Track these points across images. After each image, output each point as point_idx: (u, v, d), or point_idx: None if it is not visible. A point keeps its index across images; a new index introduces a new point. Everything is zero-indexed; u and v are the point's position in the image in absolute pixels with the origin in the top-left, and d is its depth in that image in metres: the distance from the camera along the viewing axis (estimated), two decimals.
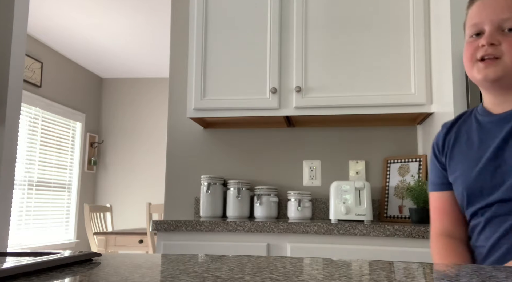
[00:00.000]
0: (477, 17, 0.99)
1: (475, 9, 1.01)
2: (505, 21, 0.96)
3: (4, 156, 1.69)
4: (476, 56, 0.99)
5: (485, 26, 0.98)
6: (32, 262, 0.54)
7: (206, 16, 2.25)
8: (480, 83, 1.01)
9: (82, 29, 4.65)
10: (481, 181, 0.99)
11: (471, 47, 1.00)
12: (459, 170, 1.04)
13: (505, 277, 0.53)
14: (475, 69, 0.99)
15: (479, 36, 0.99)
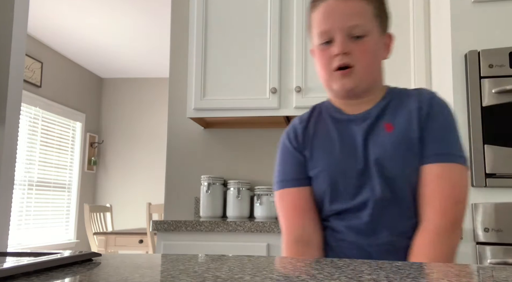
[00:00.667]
0: (325, 24, 0.96)
1: (320, 15, 0.97)
2: (354, 28, 0.95)
3: (4, 156, 1.69)
4: (331, 65, 0.97)
5: (335, 34, 0.95)
6: (32, 262, 0.54)
7: (206, 16, 2.25)
8: (337, 92, 1.01)
9: (82, 29, 4.65)
10: (347, 179, 0.98)
11: (325, 56, 0.97)
12: (321, 165, 1.01)
13: (505, 277, 0.53)
14: (332, 78, 0.98)
15: (329, 43, 0.97)
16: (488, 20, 1.75)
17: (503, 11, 1.74)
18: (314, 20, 0.99)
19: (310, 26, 1.02)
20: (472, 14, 1.76)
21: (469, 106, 1.69)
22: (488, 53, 1.69)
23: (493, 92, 1.66)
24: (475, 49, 1.72)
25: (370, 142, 0.97)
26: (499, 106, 1.66)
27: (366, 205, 0.96)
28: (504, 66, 1.67)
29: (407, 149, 0.95)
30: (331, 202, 1.00)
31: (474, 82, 1.69)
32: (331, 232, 1.02)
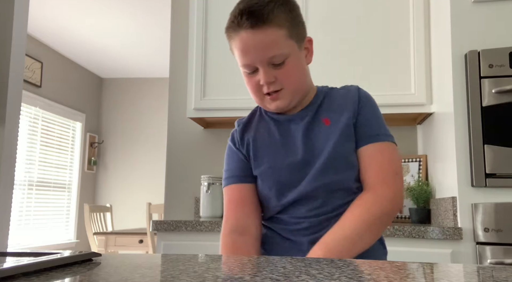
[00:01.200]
0: (245, 59, 0.99)
1: (238, 49, 1.00)
2: (273, 58, 0.98)
3: (4, 156, 1.69)
4: (261, 91, 1.03)
5: (257, 65, 0.99)
6: (32, 262, 0.54)
7: (206, 16, 2.24)
8: (272, 111, 1.08)
9: (82, 29, 4.65)
10: (291, 173, 1.03)
11: (252, 83, 1.02)
12: (266, 163, 1.06)
13: (505, 277, 0.53)
14: (265, 101, 1.05)
15: (255, 72, 1.01)
16: (488, 20, 1.75)
17: (503, 11, 1.74)
18: (234, 49, 1.03)
19: (232, 50, 1.06)
20: (472, 14, 1.76)
21: (469, 106, 1.69)
22: (488, 53, 1.69)
23: (493, 92, 1.66)
24: (475, 49, 1.72)
25: (311, 137, 1.04)
26: (499, 106, 1.66)
27: (314, 195, 1.01)
28: (504, 66, 1.67)
29: (347, 137, 1.03)
30: (278, 197, 1.04)
31: (474, 82, 1.69)
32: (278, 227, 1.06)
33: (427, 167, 2.17)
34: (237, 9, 0.99)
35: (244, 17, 0.96)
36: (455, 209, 1.69)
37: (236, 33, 0.99)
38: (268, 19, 0.96)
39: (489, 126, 1.65)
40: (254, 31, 0.96)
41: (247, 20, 0.96)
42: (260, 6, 0.96)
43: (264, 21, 0.95)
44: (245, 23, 0.96)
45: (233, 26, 0.99)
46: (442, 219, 1.83)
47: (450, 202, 1.73)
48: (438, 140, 1.97)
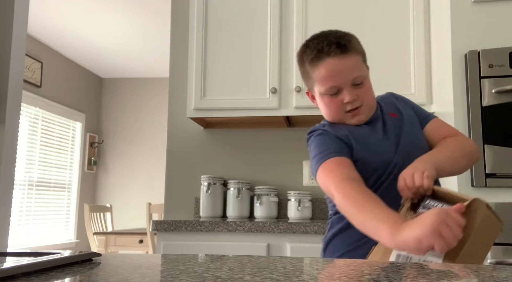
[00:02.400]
0: (332, 82, 1.17)
1: (324, 74, 1.17)
2: (355, 79, 1.17)
3: (4, 156, 1.69)
4: (343, 110, 1.20)
5: (342, 87, 1.17)
6: (32, 262, 0.54)
7: (206, 16, 2.25)
8: (355, 124, 1.23)
9: (82, 29, 4.65)
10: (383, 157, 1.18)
11: (336, 103, 1.19)
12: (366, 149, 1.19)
13: (505, 277, 0.53)
14: (346, 118, 1.21)
15: (337, 93, 1.18)
16: (488, 20, 1.75)
17: (503, 11, 1.74)
18: (317, 77, 1.19)
19: (310, 78, 1.22)
20: (472, 14, 1.76)
21: (469, 106, 1.69)
22: (488, 53, 1.69)
23: (493, 92, 1.66)
24: (475, 49, 1.72)
25: (389, 129, 1.23)
26: (499, 106, 1.66)
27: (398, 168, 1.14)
28: (504, 66, 1.67)
29: (414, 123, 1.26)
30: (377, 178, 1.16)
31: (474, 82, 1.69)
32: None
33: None
34: (320, 42, 1.18)
35: (333, 46, 1.16)
36: None
37: (322, 61, 1.17)
38: (350, 48, 1.17)
39: (489, 126, 1.65)
40: (340, 58, 1.16)
41: (335, 49, 1.16)
42: (341, 37, 1.18)
43: (348, 49, 1.17)
44: (334, 52, 1.16)
45: (319, 56, 1.17)
46: None
47: None
48: None
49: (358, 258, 1.11)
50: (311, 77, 1.22)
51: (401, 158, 1.17)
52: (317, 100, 1.26)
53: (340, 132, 1.21)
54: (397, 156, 1.17)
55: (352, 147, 1.18)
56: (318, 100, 1.24)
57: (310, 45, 1.21)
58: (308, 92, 1.30)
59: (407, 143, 1.19)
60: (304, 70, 1.25)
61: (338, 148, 1.17)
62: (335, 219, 1.22)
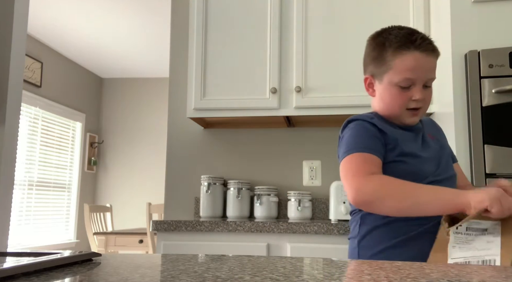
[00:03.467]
0: (411, 74, 1.18)
1: (407, 64, 1.18)
2: (429, 81, 1.21)
3: (4, 156, 1.69)
4: (407, 106, 1.21)
5: (416, 82, 1.19)
6: (32, 262, 0.54)
7: (206, 16, 2.25)
8: (403, 123, 1.25)
9: (82, 29, 4.65)
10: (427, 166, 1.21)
11: (403, 97, 1.21)
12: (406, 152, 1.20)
13: (505, 277, 0.53)
14: (404, 114, 1.23)
15: (408, 88, 1.20)
16: (488, 20, 1.75)
17: (503, 11, 1.74)
18: (398, 65, 1.19)
19: (385, 65, 1.22)
20: (472, 14, 1.76)
21: (469, 106, 1.69)
22: (488, 53, 1.69)
23: (493, 92, 1.66)
24: (475, 49, 1.72)
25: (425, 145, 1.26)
26: (499, 106, 1.66)
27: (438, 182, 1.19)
28: (504, 66, 1.67)
29: (449, 153, 1.33)
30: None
31: (474, 82, 1.69)
32: None
33: None
34: (413, 34, 1.19)
35: (426, 42, 1.19)
36: None
37: (410, 51, 1.18)
38: (437, 51, 1.21)
39: (489, 126, 1.65)
40: (428, 55, 1.19)
41: (427, 45, 1.18)
42: (431, 39, 1.22)
43: (436, 51, 1.21)
44: (424, 47, 1.18)
45: (409, 45, 1.18)
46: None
47: None
48: None
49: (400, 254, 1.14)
50: (387, 64, 1.21)
51: (437, 177, 1.19)
52: (380, 89, 1.25)
53: (387, 128, 1.22)
54: (436, 172, 1.21)
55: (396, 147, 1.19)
56: (383, 89, 1.23)
57: (395, 33, 1.21)
58: (367, 78, 1.28)
59: (445, 167, 1.24)
60: (378, 55, 1.23)
61: (374, 146, 1.18)
62: (366, 214, 1.21)
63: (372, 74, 1.27)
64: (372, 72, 1.26)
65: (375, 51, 1.24)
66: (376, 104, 1.29)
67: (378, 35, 1.26)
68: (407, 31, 1.21)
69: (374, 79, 1.26)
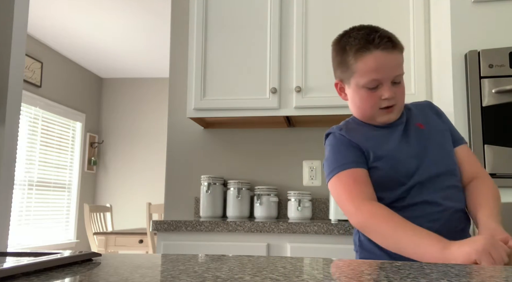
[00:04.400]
0: (376, 74, 1.15)
1: (370, 65, 1.15)
2: (397, 77, 1.18)
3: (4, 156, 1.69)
4: (378, 106, 1.18)
5: (383, 82, 1.16)
6: (32, 262, 0.54)
7: (206, 16, 2.25)
8: (380, 123, 1.22)
9: (82, 29, 4.65)
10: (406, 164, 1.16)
11: (373, 98, 1.18)
12: (381, 154, 1.17)
13: (505, 277, 0.53)
14: (377, 115, 1.20)
15: (376, 89, 1.17)
16: (488, 20, 1.75)
17: (503, 11, 1.74)
18: (360, 68, 1.17)
19: (349, 69, 1.20)
20: (472, 14, 1.76)
21: (469, 106, 1.69)
22: (488, 53, 1.69)
23: (493, 92, 1.66)
24: (475, 49, 1.72)
25: (408, 138, 1.21)
26: (499, 106, 1.66)
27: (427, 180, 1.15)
28: (504, 66, 1.67)
29: (445, 137, 1.25)
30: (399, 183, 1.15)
31: (474, 82, 1.69)
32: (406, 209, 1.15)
33: None
34: (371, 34, 1.17)
35: (384, 40, 1.16)
36: None
37: (370, 52, 1.15)
38: (399, 46, 1.19)
39: (489, 126, 1.65)
40: (389, 52, 1.16)
41: (386, 43, 1.16)
42: (390, 35, 1.19)
43: (397, 46, 1.18)
44: (384, 45, 1.15)
45: (367, 47, 1.16)
46: None
47: None
48: None
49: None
50: (350, 68, 1.19)
51: (421, 177, 1.14)
52: (350, 93, 1.24)
53: (357, 137, 1.20)
54: (419, 172, 1.15)
55: (369, 155, 1.17)
56: (352, 92, 1.22)
57: (354, 35, 1.19)
58: (337, 84, 1.28)
59: (433, 162, 1.17)
60: (342, 60, 1.22)
61: (354, 157, 1.16)
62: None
63: (340, 78, 1.26)
64: (340, 77, 1.26)
65: (339, 56, 1.24)
66: (350, 108, 1.28)
67: (339, 39, 1.25)
68: (365, 31, 1.19)
69: (343, 84, 1.25)
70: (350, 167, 1.15)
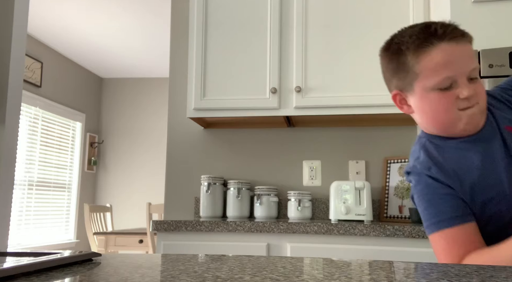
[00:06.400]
0: (448, 70, 0.96)
1: (439, 59, 0.96)
2: (473, 71, 0.98)
3: (4, 156, 1.69)
4: (456, 107, 0.98)
5: (458, 79, 0.96)
6: (32, 262, 0.54)
7: (206, 16, 2.25)
8: (463, 130, 1.00)
9: (82, 29, 4.65)
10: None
11: (448, 99, 0.97)
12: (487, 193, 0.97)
13: (505, 277, 0.53)
14: (460, 118, 0.98)
15: (450, 87, 0.97)
16: (488, 20, 1.75)
17: (503, 11, 1.74)
18: (425, 67, 0.97)
19: (409, 72, 1.00)
20: (472, 14, 1.76)
21: None
22: (488, 53, 1.69)
23: None
24: (475, 49, 1.72)
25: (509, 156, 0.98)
26: None
27: None
28: (504, 66, 1.67)
29: None
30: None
31: None
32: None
33: None
34: (430, 26, 0.98)
35: (450, 28, 0.97)
36: None
37: (434, 46, 0.96)
38: (468, 35, 1.00)
39: None
40: (459, 42, 0.97)
41: (453, 31, 0.97)
42: (454, 24, 0.99)
43: (465, 35, 0.99)
44: (450, 35, 0.96)
45: (430, 40, 0.97)
46: None
47: None
48: None
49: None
50: (412, 70, 0.99)
51: None
52: (415, 102, 1.03)
53: (449, 173, 0.99)
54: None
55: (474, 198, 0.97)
56: (419, 100, 1.01)
57: (408, 32, 1.00)
58: (396, 95, 1.07)
59: None
60: (398, 64, 1.03)
61: (452, 212, 0.97)
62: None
63: (399, 88, 1.05)
64: (398, 86, 1.05)
65: (393, 61, 1.05)
66: (419, 122, 1.05)
67: (389, 43, 1.06)
68: (421, 25, 1.00)
69: (404, 93, 1.05)
70: (456, 223, 0.96)
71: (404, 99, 1.06)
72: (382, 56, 1.09)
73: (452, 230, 0.96)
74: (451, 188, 0.98)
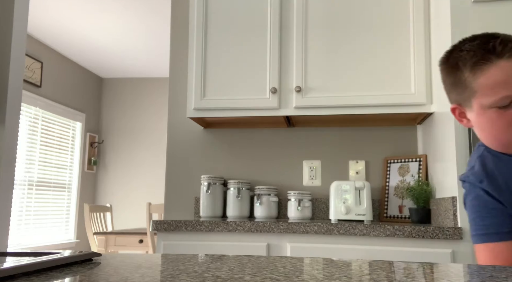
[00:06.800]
0: (507, 90, 0.94)
1: (497, 78, 0.95)
2: None
3: (4, 156, 1.69)
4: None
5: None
6: (32, 262, 0.54)
7: (206, 16, 2.25)
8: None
9: (82, 29, 4.65)
10: None
11: (506, 119, 0.96)
12: None
13: (505, 277, 0.53)
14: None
15: (509, 106, 0.95)
16: (488, 20, 1.75)
17: (503, 11, 1.74)
18: (483, 85, 0.96)
19: (468, 88, 0.99)
20: (472, 14, 1.76)
21: None
22: None
23: None
24: None
25: None
26: None
27: None
28: None
29: None
30: None
31: None
32: None
33: (427, 167, 2.17)
34: (489, 41, 0.97)
35: (508, 46, 0.95)
36: (455, 209, 1.68)
37: (492, 63, 0.95)
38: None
39: None
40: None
41: (511, 50, 0.95)
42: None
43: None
44: (509, 53, 0.94)
45: (488, 58, 0.96)
46: (442, 219, 1.83)
47: (450, 202, 1.73)
48: (438, 140, 1.97)
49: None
50: (469, 87, 0.98)
51: None
52: (473, 117, 1.02)
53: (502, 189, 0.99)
54: None
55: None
56: (477, 116, 1.00)
57: (467, 47, 1.00)
58: (455, 109, 1.06)
59: None
60: (456, 79, 1.01)
61: (502, 224, 0.98)
62: None
63: (457, 102, 1.04)
64: (457, 100, 1.04)
65: (451, 76, 1.03)
66: (479, 135, 1.05)
67: (448, 56, 1.04)
68: (480, 40, 0.98)
69: (463, 107, 1.04)
70: (493, 240, 0.98)
71: (463, 113, 1.05)
72: (441, 69, 1.07)
73: (496, 245, 0.98)
74: (500, 203, 0.99)
